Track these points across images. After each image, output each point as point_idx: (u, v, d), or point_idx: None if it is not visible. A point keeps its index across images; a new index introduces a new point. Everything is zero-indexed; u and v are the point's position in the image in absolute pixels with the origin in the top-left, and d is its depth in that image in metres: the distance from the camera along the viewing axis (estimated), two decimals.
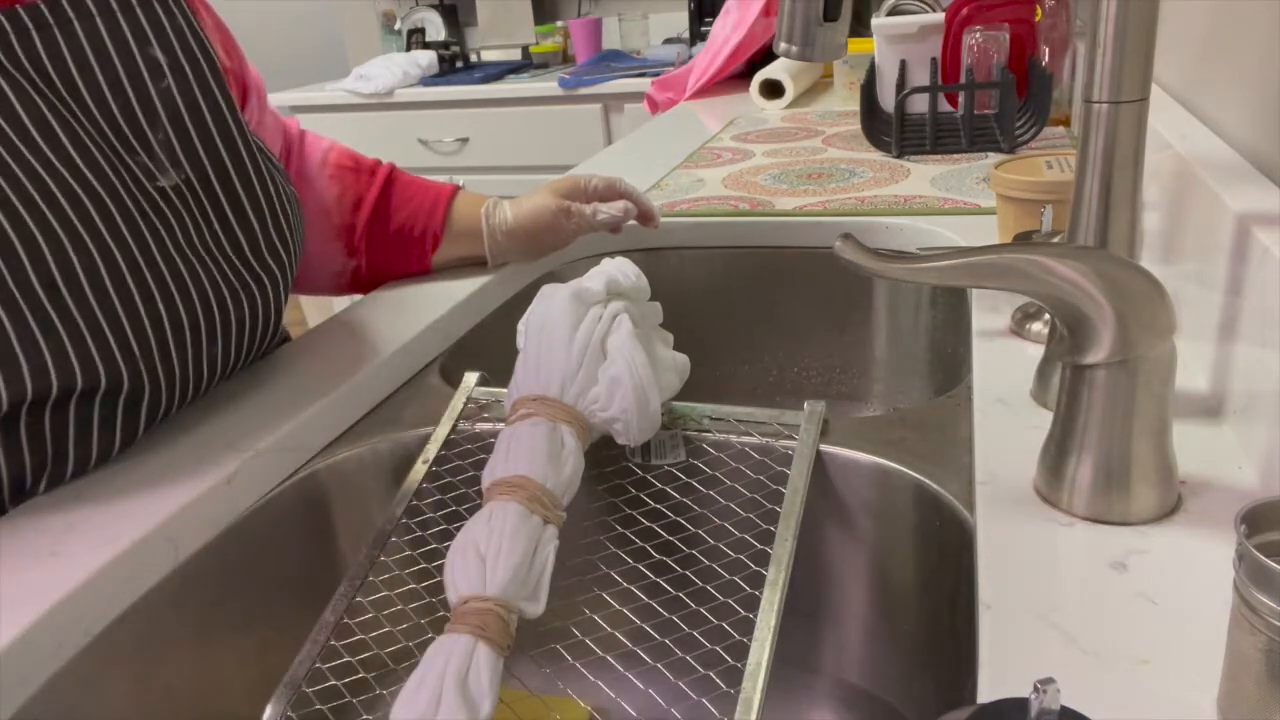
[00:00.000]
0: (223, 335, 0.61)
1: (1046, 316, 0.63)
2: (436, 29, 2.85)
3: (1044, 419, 0.48)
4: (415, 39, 2.85)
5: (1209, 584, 0.40)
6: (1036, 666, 0.37)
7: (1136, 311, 0.41)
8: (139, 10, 0.59)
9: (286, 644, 0.54)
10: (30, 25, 0.54)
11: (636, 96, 2.23)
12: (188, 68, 0.61)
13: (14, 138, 0.52)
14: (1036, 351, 0.60)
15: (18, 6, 0.54)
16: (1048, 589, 0.40)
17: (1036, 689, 0.27)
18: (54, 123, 0.53)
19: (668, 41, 2.80)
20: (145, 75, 0.59)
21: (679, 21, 2.76)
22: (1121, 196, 0.45)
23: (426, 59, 2.67)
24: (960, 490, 0.52)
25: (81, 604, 0.46)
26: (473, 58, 2.87)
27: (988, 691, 0.36)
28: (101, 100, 0.57)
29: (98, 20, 0.57)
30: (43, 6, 0.55)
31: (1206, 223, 0.56)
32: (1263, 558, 0.29)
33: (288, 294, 0.69)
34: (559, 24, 2.85)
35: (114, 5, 0.58)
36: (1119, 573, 0.41)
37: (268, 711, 0.51)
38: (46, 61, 0.55)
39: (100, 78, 0.57)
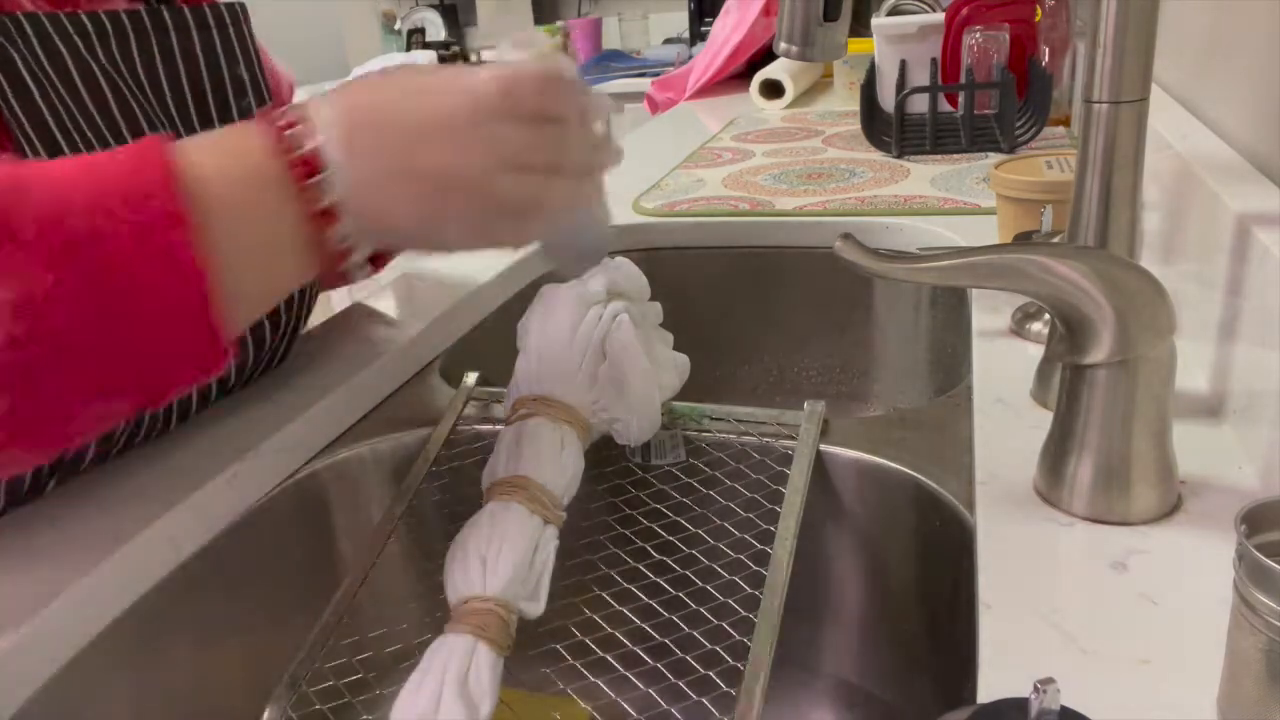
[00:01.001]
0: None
1: (1046, 316, 0.63)
2: (436, 29, 2.85)
3: (1044, 419, 0.48)
4: (415, 39, 2.85)
5: (1209, 584, 0.40)
6: (1036, 666, 0.37)
7: (1136, 311, 0.41)
8: (231, 30, 0.62)
9: (286, 644, 0.54)
10: (130, 30, 0.56)
11: (636, 96, 2.22)
12: (265, 89, 0.64)
13: (105, 132, 0.53)
14: (1036, 351, 0.60)
15: (120, 10, 0.56)
16: (1048, 589, 0.40)
17: (1036, 689, 0.27)
18: (144, 125, 0.55)
19: (668, 41, 2.81)
20: (230, 92, 0.61)
21: (679, 21, 2.77)
22: (1121, 196, 0.45)
23: (426, 59, 2.66)
24: (960, 490, 0.52)
25: (81, 604, 0.46)
26: (473, 58, 2.87)
27: (987, 691, 0.36)
28: (185, 111, 0.59)
29: (194, 34, 0.59)
30: (143, 13, 0.57)
31: (1206, 223, 0.56)
32: (1263, 558, 0.29)
33: (306, 314, 0.69)
34: (559, 24, 2.86)
35: (210, 23, 0.60)
36: (1119, 573, 0.41)
37: (268, 711, 0.51)
38: (139, 66, 0.56)
39: (187, 90, 0.59)
